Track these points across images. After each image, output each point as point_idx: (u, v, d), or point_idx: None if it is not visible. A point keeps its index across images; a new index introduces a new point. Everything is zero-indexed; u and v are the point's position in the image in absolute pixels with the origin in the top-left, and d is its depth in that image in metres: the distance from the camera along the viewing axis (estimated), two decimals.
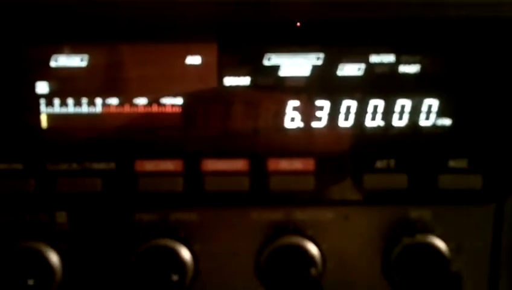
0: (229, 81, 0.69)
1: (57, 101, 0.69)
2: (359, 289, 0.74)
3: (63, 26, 0.67)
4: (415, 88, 0.69)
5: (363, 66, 0.68)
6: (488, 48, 0.68)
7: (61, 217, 0.71)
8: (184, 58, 0.68)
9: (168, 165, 0.70)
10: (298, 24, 0.67)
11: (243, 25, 0.68)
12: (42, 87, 0.68)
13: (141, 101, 0.69)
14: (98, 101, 0.69)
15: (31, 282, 0.67)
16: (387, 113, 0.69)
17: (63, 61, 0.68)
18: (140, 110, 0.69)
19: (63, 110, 0.69)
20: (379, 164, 0.70)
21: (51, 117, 0.69)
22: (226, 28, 0.68)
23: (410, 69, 0.69)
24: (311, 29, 0.68)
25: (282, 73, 0.69)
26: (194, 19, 0.68)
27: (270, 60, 0.68)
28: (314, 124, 0.70)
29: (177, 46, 0.68)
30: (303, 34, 0.68)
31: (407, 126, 0.70)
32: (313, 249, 0.69)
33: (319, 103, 0.69)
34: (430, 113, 0.69)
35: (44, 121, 0.69)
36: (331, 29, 0.68)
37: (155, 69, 0.69)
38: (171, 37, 0.68)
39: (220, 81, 0.69)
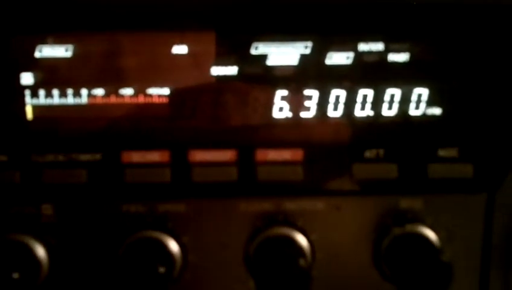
0: (216, 70, 0.68)
1: (42, 92, 0.68)
2: (349, 279, 0.73)
3: (47, 16, 0.67)
4: (404, 77, 0.69)
5: (351, 54, 0.68)
6: (478, 36, 0.68)
7: (48, 209, 0.71)
8: (170, 48, 0.68)
9: (155, 156, 0.69)
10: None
11: (230, 13, 0.67)
12: (27, 78, 0.68)
13: (127, 91, 0.68)
14: (84, 92, 0.68)
15: (16, 275, 0.66)
16: (377, 103, 0.69)
17: (47, 51, 0.67)
18: (127, 100, 0.69)
19: (48, 101, 0.68)
20: (368, 154, 0.70)
21: (36, 108, 0.68)
22: (213, 16, 0.67)
23: (400, 57, 0.68)
24: (299, 17, 0.67)
25: (270, 62, 0.68)
26: (180, 7, 0.67)
27: (258, 49, 0.68)
28: (303, 114, 0.69)
29: (164, 35, 0.68)
30: (291, 22, 0.67)
31: (396, 115, 0.69)
32: (301, 239, 0.69)
33: (307, 92, 0.69)
34: (420, 102, 0.69)
35: (29, 113, 0.68)
36: (319, 17, 0.67)
37: (141, 59, 0.68)
38: (157, 26, 0.67)
39: (207, 70, 0.68)
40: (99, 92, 0.68)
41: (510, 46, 0.68)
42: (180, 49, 0.68)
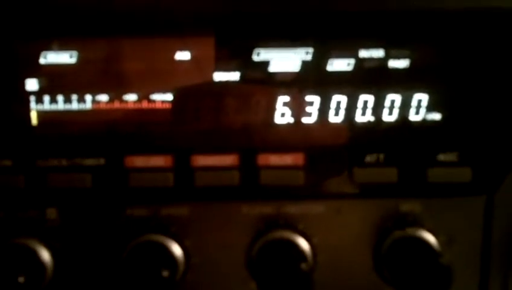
0: (219, 76, 0.69)
1: (46, 98, 0.69)
2: (350, 283, 0.74)
3: (52, 23, 0.67)
4: (404, 83, 0.69)
5: (352, 61, 0.68)
6: (477, 41, 0.68)
7: (52, 213, 0.71)
8: (173, 54, 0.68)
9: (159, 161, 0.70)
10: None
11: (232, 20, 0.68)
12: (32, 84, 0.68)
13: (131, 97, 0.69)
14: (88, 97, 0.69)
15: (21, 279, 0.67)
16: (377, 108, 0.70)
17: (52, 58, 0.68)
18: (130, 106, 0.69)
19: (53, 106, 0.69)
20: (369, 158, 0.70)
21: (40, 114, 0.69)
22: (215, 23, 0.68)
23: (400, 63, 0.69)
24: (301, 24, 0.68)
25: (272, 68, 0.69)
26: (183, 14, 0.68)
27: (260, 55, 0.68)
28: (304, 119, 0.70)
29: (167, 42, 0.68)
30: (292, 29, 0.68)
31: (397, 121, 0.70)
32: (303, 243, 0.69)
33: (309, 98, 0.69)
34: (420, 107, 0.69)
35: (34, 118, 0.69)
36: (320, 24, 0.68)
37: (144, 64, 0.69)
38: (160, 32, 0.68)
39: (210, 76, 0.69)
40: (103, 97, 0.69)
41: (509, 52, 0.68)
42: (183, 55, 0.68)
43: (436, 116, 0.70)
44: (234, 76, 0.69)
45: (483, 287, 0.74)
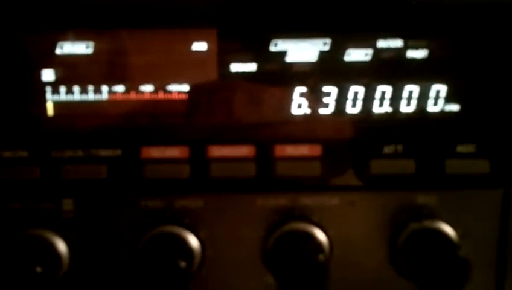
0: (235, 67, 0.68)
1: (62, 89, 0.69)
2: (366, 275, 0.74)
3: (68, 13, 0.67)
4: (422, 73, 0.69)
5: (370, 51, 0.68)
6: (496, 32, 0.68)
7: (67, 204, 0.71)
8: (190, 45, 0.68)
9: (174, 152, 0.70)
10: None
11: (249, 10, 0.68)
12: (48, 75, 0.68)
13: (147, 88, 0.69)
14: (104, 88, 0.69)
15: (39, 269, 0.67)
16: (395, 99, 0.69)
17: (68, 48, 0.68)
18: (146, 97, 0.69)
19: (69, 97, 0.69)
20: (387, 150, 0.70)
21: (56, 105, 0.69)
22: (232, 13, 0.68)
23: (418, 54, 0.68)
24: (318, 14, 0.68)
25: (289, 59, 0.68)
26: (199, 4, 0.67)
27: (277, 45, 0.68)
28: (321, 111, 0.70)
29: (183, 32, 0.68)
30: (310, 19, 0.68)
31: (415, 112, 0.70)
32: (320, 235, 0.69)
33: (326, 89, 0.69)
34: (438, 98, 0.69)
35: (50, 109, 0.69)
36: (338, 14, 0.68)
37: (161, 55, 0.68)
38: (177, 23, 0.68)
39: (226, 67, 0.68)
40: (119, 88, 0.69)
41: None
42: (199, 46, 0.68)
43: (455, 107, 0.69)
44: (251, 67, 0.68)
45: (499, 281, 0.74)
